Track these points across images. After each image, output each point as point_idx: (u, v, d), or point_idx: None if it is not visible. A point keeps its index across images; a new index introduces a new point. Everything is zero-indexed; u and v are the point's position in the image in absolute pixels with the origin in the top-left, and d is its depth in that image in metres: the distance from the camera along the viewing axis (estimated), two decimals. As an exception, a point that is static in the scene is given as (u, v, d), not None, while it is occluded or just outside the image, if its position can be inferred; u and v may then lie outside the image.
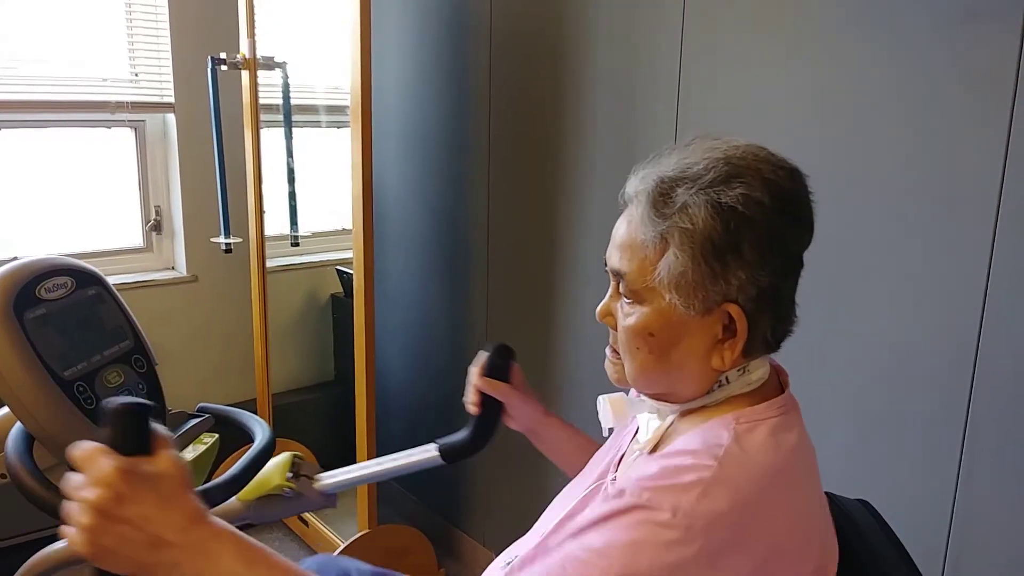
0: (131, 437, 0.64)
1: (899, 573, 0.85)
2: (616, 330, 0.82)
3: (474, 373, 1.10)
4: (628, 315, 0.79)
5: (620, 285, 0.80)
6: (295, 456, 1.05)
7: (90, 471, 0.63)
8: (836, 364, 1.31)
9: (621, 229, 0.80)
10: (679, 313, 0.75)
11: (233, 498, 0.98)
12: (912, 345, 1.22)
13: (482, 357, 1.10)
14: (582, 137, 1.72)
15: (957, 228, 1.16)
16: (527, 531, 0.97)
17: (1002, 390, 1.14)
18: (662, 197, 0.75)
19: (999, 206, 1.11)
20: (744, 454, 0.72)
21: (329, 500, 1.07)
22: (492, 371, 1.10)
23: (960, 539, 1.20)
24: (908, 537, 0.89)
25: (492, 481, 2.11)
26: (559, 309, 1.84)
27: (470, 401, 1.11)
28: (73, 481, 0.64)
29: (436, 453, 1.10)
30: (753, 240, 0.73)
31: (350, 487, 1.11)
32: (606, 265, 0.83)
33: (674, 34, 1.49)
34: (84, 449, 0.64)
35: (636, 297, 0.78)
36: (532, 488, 1.90)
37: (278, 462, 1.03)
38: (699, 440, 0.74)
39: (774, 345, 0.80)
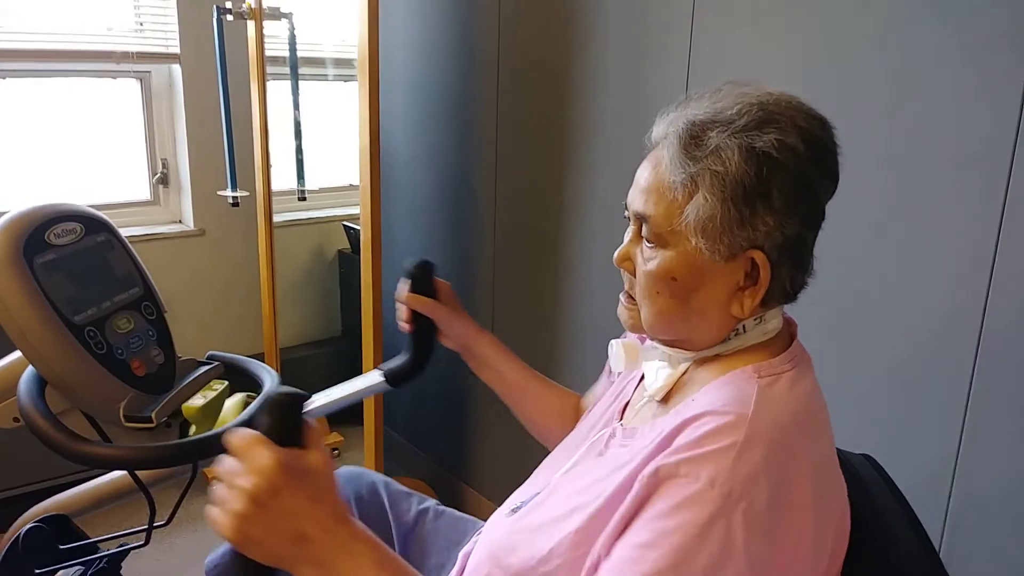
0: (288, 428, 0.64)
1: (901, 526, 0.86)
2: (634, 275, 0.81)
3: (401, 290, 1.10)
4: (650, 259, 0.78)
5: (643, 229, 0.79)
6: (248, 395, 1.07)
7: (248, 460, 0.63)
8: (842, 318, 1.31)
9: (646, 172, 0.79)
10: (703, 258, 0.75)
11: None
12: (919, 299, 1.22)
13: (406, 275, 1.10)
14: (592, 91, 1.70)
15: (968, 184, 1.15)
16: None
17: (1008, 346, 1.13)
18: (693, 140, 0.74)
19: (1012, 162, 1.09)
20: (769, 409, 0.71)
21: None
22: (417, 287, 1.10)
23: (962, 494, 1.21)
24: (911, 491, 0.90)
25: (494, 434, 2.13)
26: (566, 264, 1.84)
27: (401, 319, 1.12)
28: (228, 465, 0.64)
29: (381, 379, 1.11)
30: (784, 187, 0.72)
31: None
32: (626, 210, 0.82)
33: (689, -14, 1.46)
34: (242, 437, 0.64)
35: (659, 241, 0.77)
36: (534, 442, 1.92)
37: (233, 403, 1.05)
38: (725, 397, 0.72)
39: (792, 296, 0.79)
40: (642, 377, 0.90)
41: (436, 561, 1.11)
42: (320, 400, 1.10)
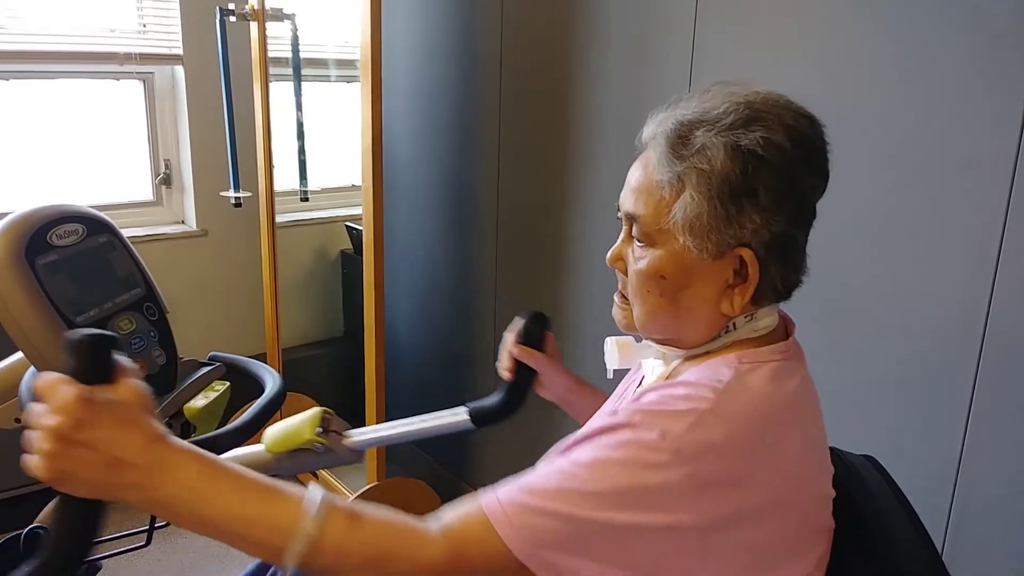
0: (92, 367, 0.64)
1: (902, 527, 0.86)
2: (626, 275, 0.82)
3: (509, 340, 1.09)
4: (640, 258, 0.79)
5: (633, 229, 0.79)
6: (325, 412, 1.05)
7: (51, 399, 0.63)
8: (845, 318, 1.31)
9: (636, 173, 0.80)
10: (692, 256, 0.75)
11: (262, 448, 0.99)
12: (922, 299, 1.22)
13: (518, 324, 1.09)
14: (594, 92, 1.70)
15: (971, 183, 1.14)
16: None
17: (1012, 347, 1.13)
18: (680, 139, 0.75)
19: (1016, 161, 1.09)
20: (744, 392, 0.72)
21: (357, 456, 1.08)
22: (528, 339, 1.09)
23: (965, 494, 1.21)
24: (913, 492, 0.90)
25: (499, 435, 2.13)
26: (568, 264, 1.84)
27: (504, 367, 1.11)
28: (35, 410, 0.64)
29: (466, 416, 1.08)
30: (769, 184, 0.72)
31: (378, 445, 1.11)
32: (619, 210, 0.82)
33: (690, -14, 1.46)
34: (46, 379, 0.64)
35: (649, 240, 0.78)
36: (538, 443, 1.92)
37: (308, 417, 1.03)
38: (700, 373, 0.74)
39: (784, 294, 0.79)
40: (643, 378, 0.90)
41: None
42: (400, 428, 1.09)
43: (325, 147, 2.64)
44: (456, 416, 1.09)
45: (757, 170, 0.72)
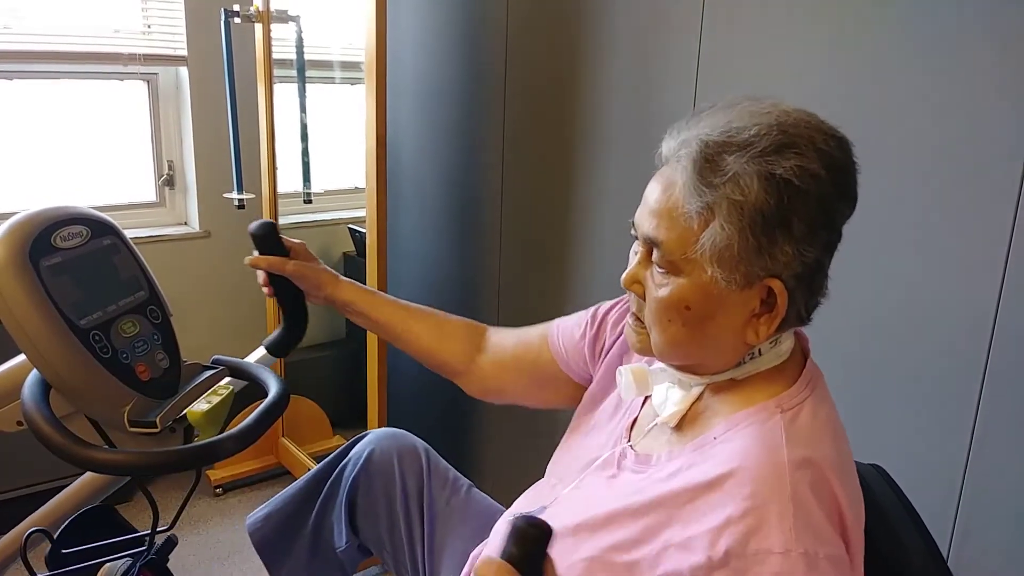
0: (535, 562, 0.66)
1: (909, 535, 0.86)
2: (643, 298, 0.78)
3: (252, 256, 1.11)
4: (662, 286, 0.75)
5: (653, 253, 0.76)
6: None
7: None
8: (851, 327, 1.30)
9: (656, 193, 0.75)
10: (718, 287, 0.72)
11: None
12: (929, 309, 1.21)
13: (252, 239, 1.12)
14: (600, 96, 1.69)
15: (979, 189, 1.14)
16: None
17: (1020, 355, 1.12)
18: (709, 164, 0.71)
19: (1026, 171, 1.09)
20: (802, 447, 0.70)
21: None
22: (261, 248, 1.11)
23: (971, 503, 1.20)
24: (919, 500, 0.90)
25: (499, 434, 2.12)
26: (572, 270, 1.83)
27: (261, 284, 1.14)
28: None
29: (264, 352, 1.18)
30: (804, 214, 0.70)
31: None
32: (633, 229, 0.79)
33: (697, -10, 1.46)
34: (490, 565, 0.66)
35: (672, 268, 0.74)
36: (539, 443, 1.91)
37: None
38: (752, 442, 0.71)
39: (806, 318, 0.77)
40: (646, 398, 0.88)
41: (461, 547, 1.12)
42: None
43: (329, 149, 2.63)
44: (259, 355, 1.19)
45: (792, 200, 0.69)
